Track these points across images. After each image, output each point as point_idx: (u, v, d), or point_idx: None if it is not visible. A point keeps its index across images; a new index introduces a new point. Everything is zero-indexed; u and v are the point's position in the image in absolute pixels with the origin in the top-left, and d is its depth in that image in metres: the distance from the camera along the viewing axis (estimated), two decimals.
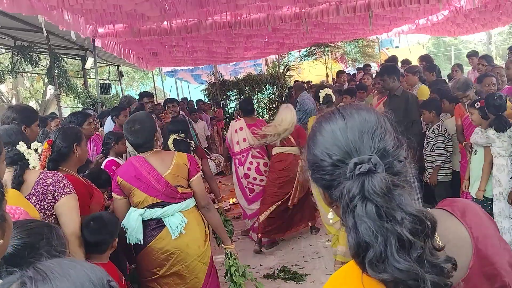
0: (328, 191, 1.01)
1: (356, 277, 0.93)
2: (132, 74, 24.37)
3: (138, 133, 2.94)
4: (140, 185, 2.92)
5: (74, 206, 2.55)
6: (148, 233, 2.96)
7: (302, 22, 7.22)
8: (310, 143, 1.06)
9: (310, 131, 1.09)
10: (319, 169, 1.01)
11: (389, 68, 5.60)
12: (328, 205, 1.06)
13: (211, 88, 12.62)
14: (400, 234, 0.86)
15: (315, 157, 1.02)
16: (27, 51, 9.23)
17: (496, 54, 31.04)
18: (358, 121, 1.00)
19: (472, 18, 10.36)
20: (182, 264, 2.96)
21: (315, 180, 1.04)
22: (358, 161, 0.93)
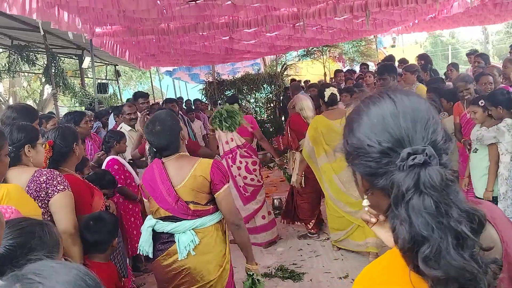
0: (370, 179, 0.97)
1: (400, 269, 0.91)
2: (129, 73, 24.34)
3: (160, 134, 2.61)
4: (153, 194, 2.64)
5: (67, 203, 2.54)
6: (158, 246, 2.68)
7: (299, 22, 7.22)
8: (354, 125, 0.99)
9: (352, 112, 1.03)
10: (364, 155, 0.95)
11: (389, 67, 5.63)
12: (363, 192, 1.02)
13: (208, 87, 12.61)
14: (458, 230, 0.83)
15: (360, 141, 0.97)
16: (24, 51, 9.23)
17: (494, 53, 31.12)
18: (411, 108, 0.95)
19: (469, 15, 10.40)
20: (189, 287, 2.64)
21: (355, 165, 0.99)
22: (412, 151, 0.88)
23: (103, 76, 15.28)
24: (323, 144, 4.72)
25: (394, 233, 0.89)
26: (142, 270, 5.01)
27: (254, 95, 12.94)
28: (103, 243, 2.67)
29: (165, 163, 2.66)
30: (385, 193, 0.95)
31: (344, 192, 4.64)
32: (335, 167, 4.66)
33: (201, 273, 2.62)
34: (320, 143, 4.74)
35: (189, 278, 2.61)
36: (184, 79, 19.01)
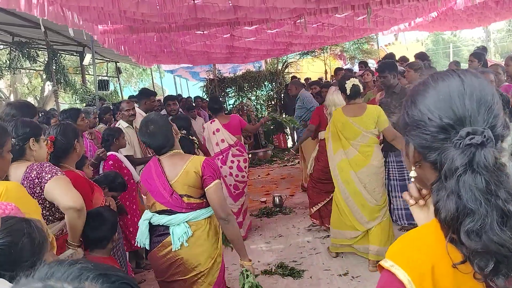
0: (423, 151, 1.00)
1: (436, 240, 0.95)
2: (130, 70, 24.35)
3: (155, 135, 2.75)
4: (150, 189, 2.80)
5: (63, 184, 2.56)
6: (154, 238, 2.83)
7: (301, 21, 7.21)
8: (419, 98, 1.02)
9: (418, 84, 1.05)
10: (422, 127, 0.99)
11: (390, 65, 5.62)
12: (411, 163, 1.06)
13: (209, 85, 12.62)
14: (504, 209, 0.87)
15: (420, 114, 1.00)
16: (25, 47, 9.23)
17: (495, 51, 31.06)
18: (478, 90, 0.97)
19: (469, 14, 10.38)
20: (182, 276, 2.77)
21: (411, 136, 1.02)
22: (471, 131, 0.92)
23: (104, 73, 15.28)
24: (341, 139, 4.49)
25: (437, 204, 0.94)
26: (142, 266, 5.02)
27: (255, 92, 12.96)
28: (103, 239, 2.68)
29: (160, 160, 2.82)
30: (434, 167, 0.99)
31: (362, 193, 4.41)
32: (354, 164, 4.41)
33: (193, 263, 2.75)
34: (338, 139, 4.52)
35: (182, 268, 2.76)
36: (185, 77, 19.01)
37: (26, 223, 1.65)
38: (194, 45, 8.45)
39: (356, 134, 4.37)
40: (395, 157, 5.44)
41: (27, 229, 1.62)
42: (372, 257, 4.41)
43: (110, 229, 2.74)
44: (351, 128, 4.38)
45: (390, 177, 5.49)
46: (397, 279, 0.95)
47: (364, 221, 4.45)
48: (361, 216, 4.46)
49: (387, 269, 0.98)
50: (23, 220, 1.69)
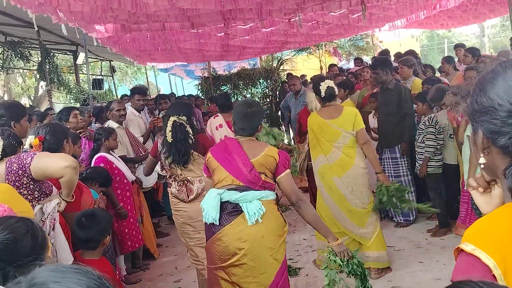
0: (492, 136, 1.02)
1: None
2: (124, 69, 24.23)
3: (250, 117, 2.93)
4: (226, 164, 2.85)
5: (47, 154, 2.61)
6: (224, 216, 2.80)
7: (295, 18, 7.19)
8: (487, 85, 1.04)
9: (486, 73, 1.08)
10: (491, 113, 1.01)
11: (382, 61, 5.61)
12: (480, 150, 1.07)
13: (204, 82, 12.58)
14: None
15: (490, 100, 1.02)
16: (18, 47, 9.15)
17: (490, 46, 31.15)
18: None
19: (463, 10, 10.40)
20: (253, 255, 2.76)
21: (479, 122, 1.05)
22: None
23: (98, 72, 15.20)
24: (320, 143, 4.29)
25: None
26: (138, 266, 5.01)
27: (250, 90, 12.91)
28: (94, 240, 2.67)
29: (240, 141, 2.92)
30: (503, 152, 1.02)
31: (347, 199, 4.20)
32: (338, 168, 4.20)
33: (268, 240, 2.78)
34: (317, 144, 4.34)
35: (255, 246, 2.75)
36: (180, 75, 18.95)
37: (29, 221, 1.68)
38: (188, 43, 8.42)
39: (337, 136, 4.17)
40: (390, 153, 5.44)
41: (30, 226, 1.65)
42: (373, 264, 4.18)
43: (102, 230, 2.72)
44: (330, 130, 4.19)
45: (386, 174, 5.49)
46: (481, 262, 0.94)
47: (354, 227, 4.24)
48: (349, 224, 4.24)
49: (468, 253, 0.97)
50: (25, 218, 1.71)
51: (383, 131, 5.55)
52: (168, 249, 5.71)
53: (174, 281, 4.70)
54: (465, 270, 0.97)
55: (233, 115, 3.03)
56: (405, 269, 4.31)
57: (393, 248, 4.82)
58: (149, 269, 5.06)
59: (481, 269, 0.94)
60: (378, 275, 4.19)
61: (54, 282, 0.77)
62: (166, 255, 5.47)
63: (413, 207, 4.08)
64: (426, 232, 5.15)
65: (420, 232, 5.18)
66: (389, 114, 5.38)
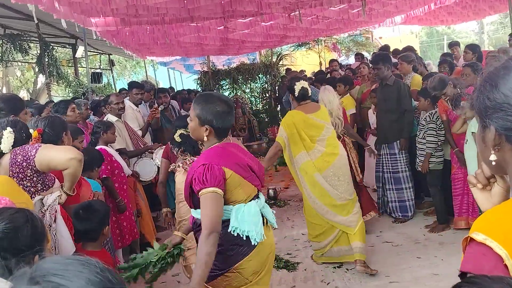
0: (506, 133, 1.02)
1: None
2: (123, 63, 24.17)
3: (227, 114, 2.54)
4: (247, 175, 2.44)
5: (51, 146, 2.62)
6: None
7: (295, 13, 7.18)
8: (500, 81, 1.04)
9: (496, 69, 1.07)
10: (507, 110, 1.00)
11: (384, 57, 5.61)
12: (491, 147, 1.06)
13: (203, 77, 12.56)
14: None
15: (504, 96, 1.01)
16: (17, 40, 9.13)
17: (489, 43, 31.12)
18: None
19: (463, 6, 10.39)
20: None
21: (493, 119, 1.03)
22: None
23: (97, 66, 15.17)
24: (302, 140, 4.28)
25: None
26: None
27: (250, 85, 12.90)
28: (93, 231, 2.68)
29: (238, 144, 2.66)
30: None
31: (329, 194, 4.26)
32: (319, 165, 4.24)
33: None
34: (298, 141, 4.30)
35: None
36: (179, 69, 18.92)
37: (28, 212, 1.70)
38: (188, 36, 8.40)
39: (321, 129, 4.30)
40: (389, 149, 5.44)
41: (30, 216, 1.66)
42: (359, 256, 4.20)
43: (100, 221, 2.74)
44: (314, 124, 4.28)
45: (384, 170, 5.50)
46: (493, 252, 0.92)
47: (342, 219, 4.27)
48: (337, 217, 4.28)
49: (479, 242, 0.94)
50: (23, 209, 1.73)
51: (382, 127, 5.56)
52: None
53: (172, 275, 4.70)
54: (476, 260, 0.95)
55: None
56: (403, 264, 4.33)
57: (391, 243, 4.83)
58: None
59: (493, 259, 0.92)
60: (364, 269, 4.13)
61: (54, 275, 0.77)
62: None
63: None
64: (424, 227, 5.17)
65: (418, 228, 5.19)
66: (388, 110, 5.38)
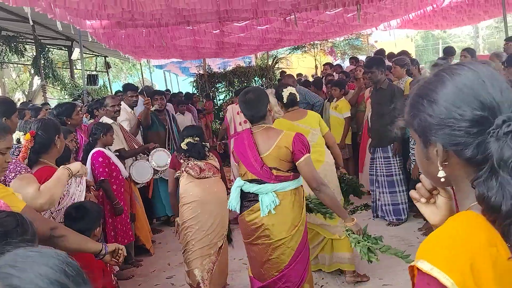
0: (455, 149, 0.96)
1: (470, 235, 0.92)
2: (119, 65, 24.15)
3: (249, 104, 3.05)
4: (243, 159, 3.05)
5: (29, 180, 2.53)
6: (244, 203, 3.10)
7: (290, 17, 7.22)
8: (437, 96, 0.98)
9: (427, 83, 1.02)
10: (452, 125, 0.95)
11: (377, 60, 5.65)
12: (439, 163, 1.00)
13: (199, 80, 12.58)
14: None
15: (447, 111, 0.96)
16: (13, 41, 9.12)
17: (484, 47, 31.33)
18: (493, 77, 0.96)
19: (458, 11, 10.46)
20: (266, 240, 3.02)
21: (439, 136, 0.98)
22: (507, 119, 0.89)
23: (93, 68, 15.16)
24: None
25: (492, 200, 0.90)
26: (130, 262, 5.02)
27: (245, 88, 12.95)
28: (84, 231, 2.68)
29: (254, 133, 3.07)
30: (467, 163, 0.96)
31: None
32: None
33: (278, 229, 2.98)
34: None
35: (267, 232, 3.00)
36: (175, 72, 18.94)
37: (19, 216, 1.69)
38: (183, 40, 8.43)
39: (306, 135, 4.15)
40: (383, 153, 5.47)
41: (21, 220, 1.66)
42: (348, 266, 4.13)
43: (91, 222, 2.75)
44: (300, 130, 4.10)
45: (378, 173, 5.52)
46: (440, 283, 0.88)
47: (328, 226, 4.16)
48: (323, 223, 4.16)
49: (426, 273, 0.90)
50: (15, 213, 1.72)
51: (376, 131, 5.58)
52: (161, 245, 5.73)
53: (166, 277, 4.72)
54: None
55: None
56: (397, 267, 4.34)
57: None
58: (142, 265, 5.08)
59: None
60: (354, 279, 4.08)
61: (10, 266, 0.77)
62: (159, 252, 5.48)
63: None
64: (417, 230, 5.19)
65: (412, 231, 5.21)
66: (382, 113, 5.41)
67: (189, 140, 3.87)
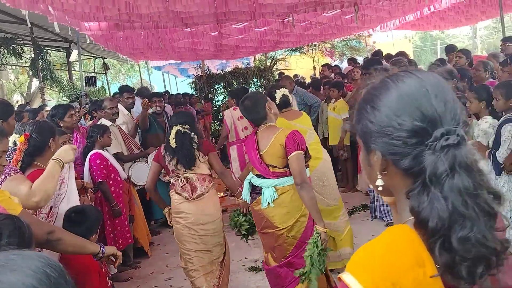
0: (393, 158, 0.94)
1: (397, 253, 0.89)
2: (118, 67, 24.13)
3: (248, 109, 3.32)
4: (249, 156, 3.40)
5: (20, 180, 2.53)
6: (253, 195, 3.44)
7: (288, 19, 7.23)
8: (380, 102, 0.95)
9: (374, 89, 0.99)
10: (391, 134, 0.92)
11: (375, 62, 5.66)
12: (377, 172, 0.98)
13: (198, 81, 12.58)
14: (489, 210, 0.85)
15: (387, 119, 0.93)
16: (11, 43, 9.12)
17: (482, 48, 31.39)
18: (439, 88, 0.93)
19: (456, 12, 10.48)
20: (269, 230, 3.31)
21: (378, 144, 0.95)
22: (445, 132, 0.87)
23: (91, 70, 15.15)
24: None
25: (421, 214, 0.88)
26: (129, 264, 5.02)
27: None
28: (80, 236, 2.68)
29: (257, 133, 3.35)
30: (405, 173, 0.93)
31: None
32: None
33: (277, 220, 3.28)
34: None
35: (269, 223, 3.31)
36: (173, 73, 18.94)
37: (16, 219, 1.69)
38: (182, 41, 8.43)
39: (304, 134, 4.13)
40: None
41: (18, 223, 1.66)
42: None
43: (88, 228, 2.74)
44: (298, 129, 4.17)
45: None
46: None
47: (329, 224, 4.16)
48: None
49: (348, 286, 0.90)
50: (13, 216, 1.72)
51: None
52: (159, 247, 5.73)
53: (165, 279, 4.72)
54: None
55: None
56: None
57: None
58: (140, 267, 5.08)
59: None
60: None
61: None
62: (157, 253, 5.49)
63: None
64: None
65: None
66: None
67: (178, 129, 3.64)
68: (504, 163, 3.76)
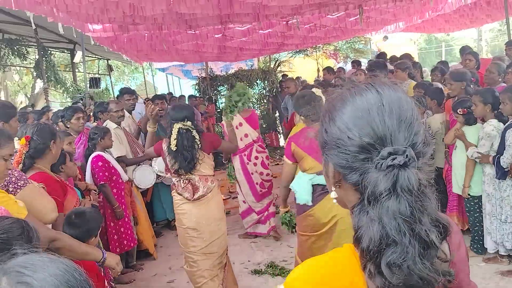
0: (343, 171, 0.92)
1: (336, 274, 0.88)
2: (122, 68, 24.17)
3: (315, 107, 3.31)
4: (312, 153, 3.26)
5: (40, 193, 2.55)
6: (315, 197, 3.33)
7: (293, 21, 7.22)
8: (337, 114, 0.94)
9: (335, 99, 0.97)
10: (342, 147, 0.91)
11: (380, 64, 5.64)
12: (332, 183, 0.98)
13: (201, 83, 12.58)
14: (426, 240, 0.82)
15: (339, 132, 0.92)
16: (15, 45, 9.15)
17: (487, 50, 31.26)
18: (397, 105, 0.90)
19: (461, 15, 10.44)
20: (341, 228, 3.23)
21: (329, 155, 0.94)
22: (393, 151, 0.85)
23: (95, 71, 15.19)
24: None
25: (358, 231, 0.86)
26: (131, 266, 5.01)
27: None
28: (79, 238, 2.67)
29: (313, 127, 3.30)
30: (355, 188, 0.92)
31: None
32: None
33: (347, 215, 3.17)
34: None
35: (344, 220, 3.17)
36: (177, 75, 18.95)
37: (24, 223, 1.69)
38: (185, 44, 8.43)
39: None
40: None
41: (26, 227, 1.65)
42: None
43: (88, 231, 2.73)
44: None
45: None
46: None
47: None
48: None
49: None
50: (21, 220, 1.72)
51: None
52: (162, 249, 5.71)
53: (167, 281, 4.71)
54: None
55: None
56: None
57: None
58: (143, 269, 5.07)
59: None
60: None
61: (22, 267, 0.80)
62: (160, 255, 5.47)
63: None
64: None
65: None
66: None
67: (180, 127, 3.54)
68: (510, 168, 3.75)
